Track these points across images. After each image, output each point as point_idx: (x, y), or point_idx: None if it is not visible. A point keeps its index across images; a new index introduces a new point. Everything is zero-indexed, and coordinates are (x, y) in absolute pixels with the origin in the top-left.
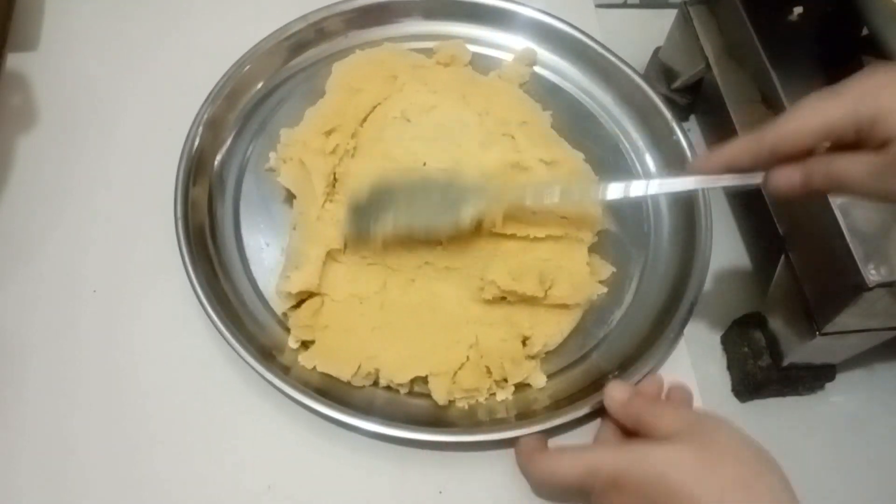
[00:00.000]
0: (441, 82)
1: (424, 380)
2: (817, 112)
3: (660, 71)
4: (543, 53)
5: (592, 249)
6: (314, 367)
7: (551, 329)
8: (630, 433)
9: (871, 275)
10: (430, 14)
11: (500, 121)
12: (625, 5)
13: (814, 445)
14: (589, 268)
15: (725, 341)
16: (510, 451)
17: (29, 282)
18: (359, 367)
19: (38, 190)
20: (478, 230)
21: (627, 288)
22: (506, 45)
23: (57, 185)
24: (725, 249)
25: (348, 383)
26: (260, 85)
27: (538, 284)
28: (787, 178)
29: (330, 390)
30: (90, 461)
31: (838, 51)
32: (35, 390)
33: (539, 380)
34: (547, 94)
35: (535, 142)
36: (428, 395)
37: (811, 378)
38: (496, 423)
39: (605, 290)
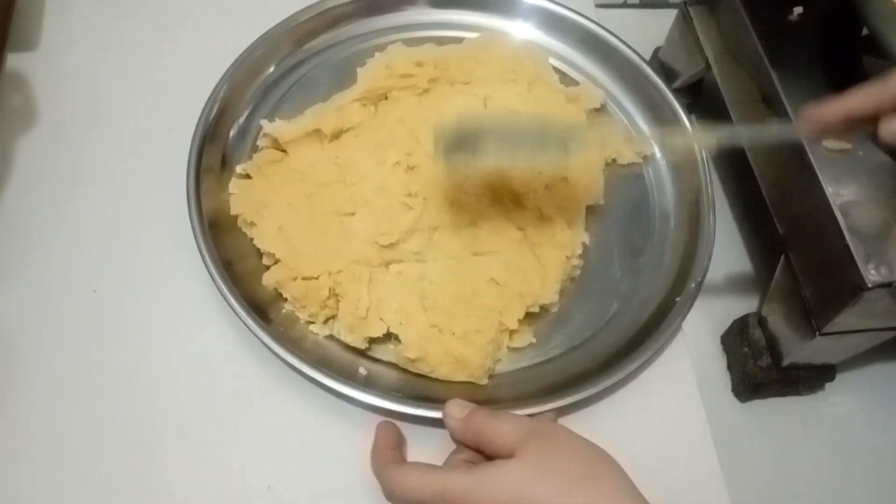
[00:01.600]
0: (541, 101)
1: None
2: None
3: (660, 71)
4: (550, 41)
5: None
6: (230, 194)
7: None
8: (477, 453)
9: (871, 275)
10: (437, 2)
11: (549, 162)
12: (625, 5)
13: (814, 445)
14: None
15: (725, 341)
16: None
17: (29, 281)
18: (242, 214)
19: (38, 190)
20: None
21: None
22: (511, 34)
23: (57, 184)
24: (725, 249)
25: (234, 219)
26: (271, 69)
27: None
28: None
29: (216, 224)
30: (91, 459)
31: (838, 50)
32: (36, 390)
33: (320, 330)
34: (629, 183)
35: (555, 198)
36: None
37: (811, 378)
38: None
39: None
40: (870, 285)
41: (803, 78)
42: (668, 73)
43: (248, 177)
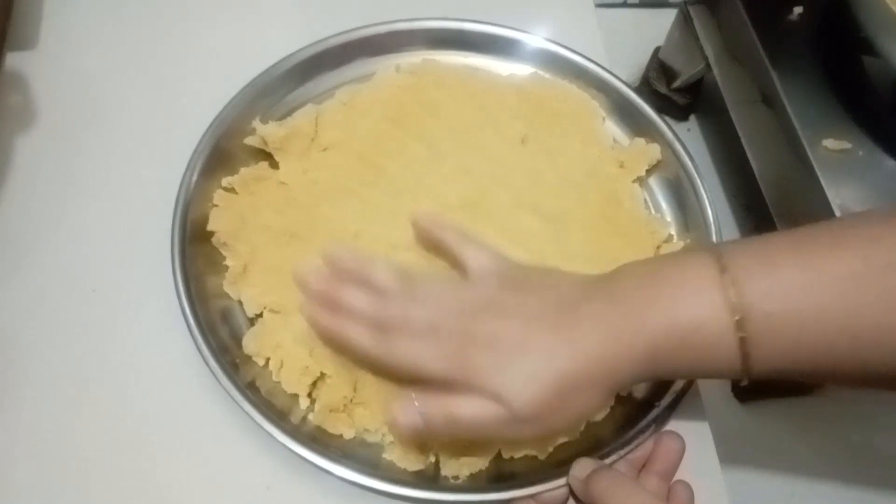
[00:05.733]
0: (590, 160)
1: None
2: None
3: (660, 71)
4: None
5: None
6: (212, 204)
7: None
8: None
9: None
10: (433, 44)
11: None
12: (625, 5)
13: (814, 445)
14: None
15: None
16: None
17: (29, 281)
18: (217, 233)
19: (38, 190)
20: None
21: None
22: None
23: (57, 184)
24: None
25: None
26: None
27: None
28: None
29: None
30: (87, 461)
31: (838, 51)
32: (35, 389)
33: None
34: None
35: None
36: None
37: None
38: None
39: None
40: None
41: (803, 78)
42: (668, 73)
43: (234, 191)
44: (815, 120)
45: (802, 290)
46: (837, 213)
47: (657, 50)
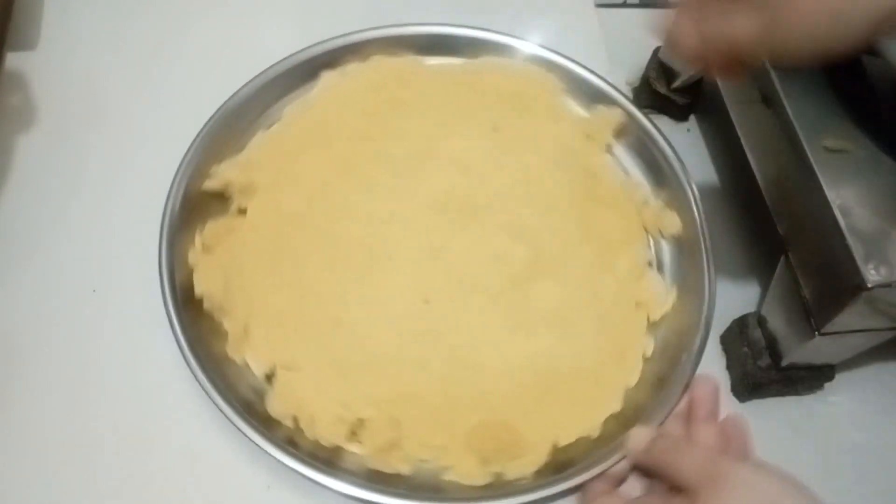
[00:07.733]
0: (559, 137)
1: None
2: None
3: (660, 71)
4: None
5: None
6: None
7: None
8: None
9: (871, 275)
10: (424, 50)
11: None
12: (625, 5)
13: (813, 445)
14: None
15: (725, 341)
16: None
17: (29, 281)
18: (207, 295)
19: (38, 190)
20: None
21: None
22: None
23: (56, 184)
24: (725, 249)
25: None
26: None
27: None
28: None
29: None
30: (87, 460)
31: None
32: (35, 389)
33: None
34: None
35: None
36: None
37: (811, 378)
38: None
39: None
40: (870, 285)
41: (803, 78)
42: (667, 73)
43: (237, 198)
44: (815, 120)
45: None
46: (837, 214)
47: (657, 50)
